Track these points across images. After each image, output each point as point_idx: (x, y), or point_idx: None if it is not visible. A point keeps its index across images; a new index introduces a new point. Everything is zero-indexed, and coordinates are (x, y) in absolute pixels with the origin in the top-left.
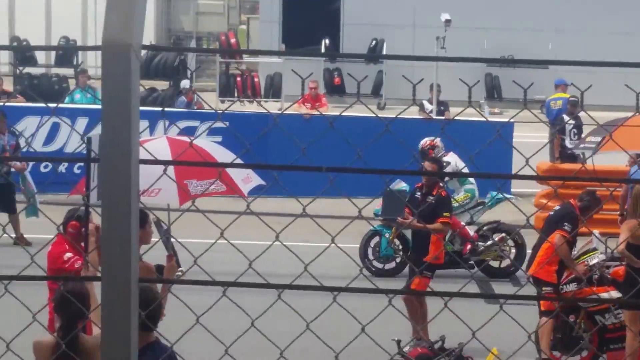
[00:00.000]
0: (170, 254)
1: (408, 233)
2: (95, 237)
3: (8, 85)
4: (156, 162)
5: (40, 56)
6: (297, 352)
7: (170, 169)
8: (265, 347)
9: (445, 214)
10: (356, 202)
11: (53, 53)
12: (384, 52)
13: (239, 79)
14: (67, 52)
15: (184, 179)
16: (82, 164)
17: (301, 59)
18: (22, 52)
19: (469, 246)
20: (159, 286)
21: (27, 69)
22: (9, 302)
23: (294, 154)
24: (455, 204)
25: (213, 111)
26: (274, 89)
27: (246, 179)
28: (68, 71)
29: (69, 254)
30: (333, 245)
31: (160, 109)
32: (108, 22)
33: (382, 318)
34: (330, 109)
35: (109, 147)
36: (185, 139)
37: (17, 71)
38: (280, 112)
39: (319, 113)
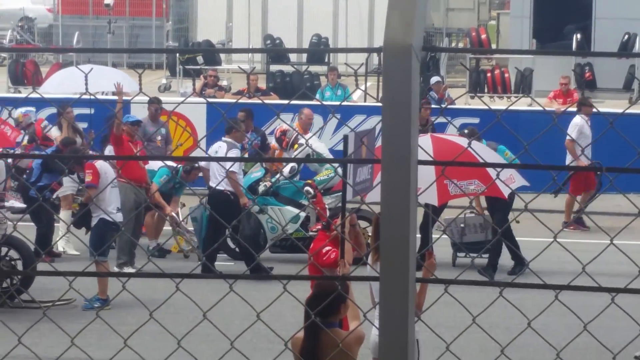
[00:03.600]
0: (430, 251)
1: None
2: (352, 234)
3: (261, 83)
4: (435, 162)
5: (292, 54)
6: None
7: (431, 168)
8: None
9: None
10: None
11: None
12: (637, 46)
13: (489, 74)
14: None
15: (444, 179)
16: None
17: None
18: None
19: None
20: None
21: (280, 67)
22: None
23: (547, 150)
24: (322, 177)
25: (464, 108)
26: (524, 85)
27: (508, 179)
28: (320, 68)
29: (327, 247)
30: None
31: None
32: (390, 22)
33: None
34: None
35: (389, 147)
36: (450, 137)
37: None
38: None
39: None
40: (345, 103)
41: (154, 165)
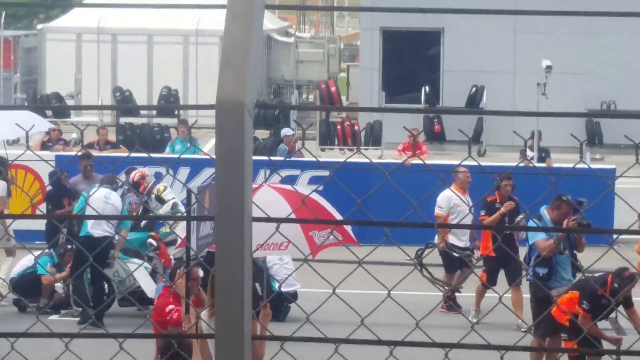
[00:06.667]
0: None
1: None
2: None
3: (111, 135)
4: (269, 219)
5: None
6: None
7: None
8: None
9: None
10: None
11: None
12: (484, 99)
13: (339, 127)
14: (168, 103)
15: (308, 230)
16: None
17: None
18: (125, 103)
19: None
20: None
21: (130, 119)
22: None
23: (393, 201)
24: (165, 230)
25: (314, 160)
26: (374, 137)
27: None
28: (170, 121)
29: (170, 306)
30: None
31: (263, 157)
32: (222, 80)
33: None
34: (431, 157)
35: (222, 204)
36: (287, 187)
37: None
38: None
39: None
40: (194, 156)
41: None
